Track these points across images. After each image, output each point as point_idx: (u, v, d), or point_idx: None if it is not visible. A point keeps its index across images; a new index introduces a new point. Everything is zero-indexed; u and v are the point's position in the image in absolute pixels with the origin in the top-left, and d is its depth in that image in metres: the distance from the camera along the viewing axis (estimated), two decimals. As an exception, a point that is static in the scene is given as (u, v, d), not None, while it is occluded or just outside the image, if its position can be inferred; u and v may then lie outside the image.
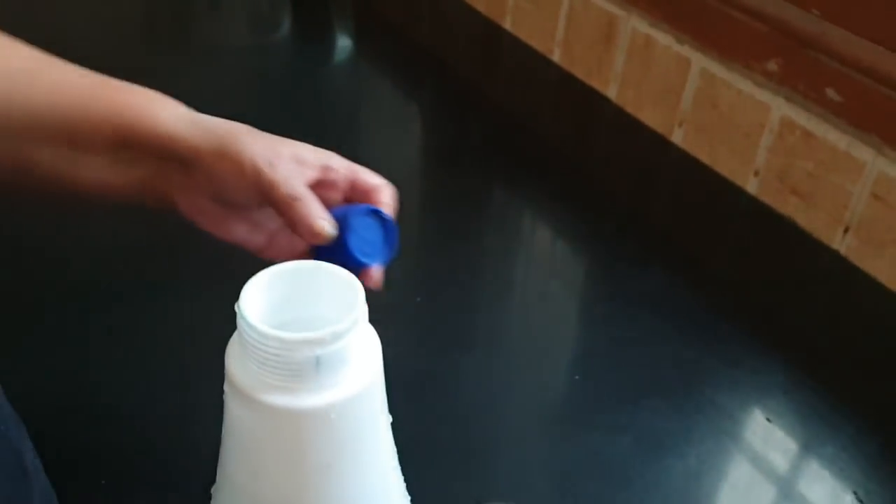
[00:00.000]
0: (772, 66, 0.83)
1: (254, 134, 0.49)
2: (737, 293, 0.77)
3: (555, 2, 1.08)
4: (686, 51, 0.91)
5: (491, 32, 1.21)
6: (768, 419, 0.64)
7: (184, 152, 0.48)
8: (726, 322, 0.73)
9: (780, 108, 0.83)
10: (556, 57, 1.11)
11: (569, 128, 1.04)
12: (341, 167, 0.52)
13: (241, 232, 0.52)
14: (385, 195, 0.53)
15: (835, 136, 0.78)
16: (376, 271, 0.51)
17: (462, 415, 0.62)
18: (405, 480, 0.50)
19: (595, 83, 1.05)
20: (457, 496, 0.56)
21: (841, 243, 0.80)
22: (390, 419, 0.43)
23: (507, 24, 1.19)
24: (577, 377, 0.66)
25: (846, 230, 0.79)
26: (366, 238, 0.50)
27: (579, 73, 1.07)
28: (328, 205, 0.50)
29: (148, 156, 0.50)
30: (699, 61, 0.90)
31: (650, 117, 0.98)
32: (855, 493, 0.58)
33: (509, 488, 0.57)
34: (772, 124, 0.84)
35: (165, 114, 0.49)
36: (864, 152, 0.76)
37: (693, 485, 0.58)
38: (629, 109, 1.01)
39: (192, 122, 0.49)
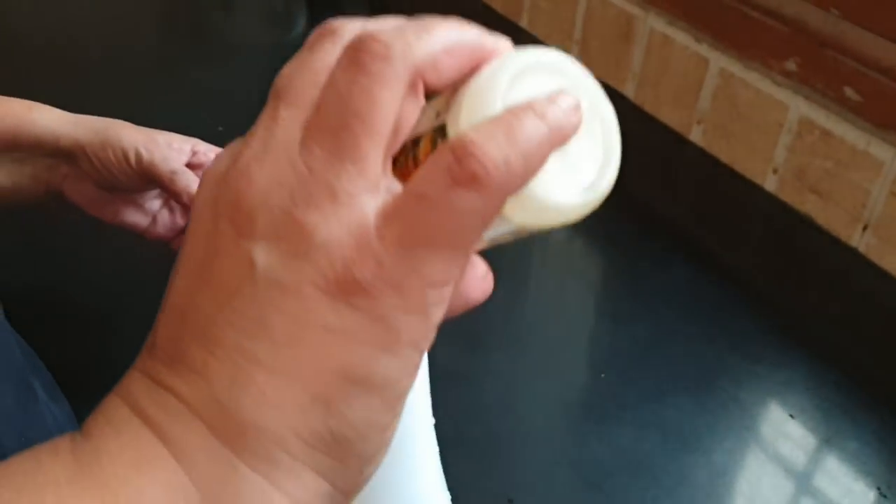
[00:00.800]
0: (790, 65, 0.84)
1: (130, 126, 0.58)
2: (757, 290, 0.78)
3: (572, 0, 1.09)
4: (704, 50, 0.92)
5: (507, 31, 1.21)
6: (791, 415, 0.65)
7: (68, 146, 0.57)
8: (747, 319, 0.74)
9: (798, 107, 0.84)
10: (573, 55, 1.11)
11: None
12: (207, 150, 0.61)
13: (126, 214, 0.61)
14: None
15: (854, 135, 0.79)
16: None
17: (491, 414, 0.64)
18: (441, 478, 0.51)
19: (613, 82, 1.06)
20: (489, 493, 0.57)
21: (860, 241, 0.81)
22: (433, 421, 0.45)
23: (524, 23, 1.19)
24: (602, 375, 0.67)
25: (865, 228, 0.80)
26: None
27: (597, 71, 1.07)
28: None
29: (35, 155, 0.58)
30: (717, 60, 0.91)
31: (668, 116, 0.99)
32: (878, 488, 0.59)
33: (540, 485, 0.58)
34: (790, 123, 0.85)
35: (45, 116, 0.57)
36: (883, 151, 0.77)
37: (719, 481, 0.59)
38: (647, 108, 1.02)
39: (71, 121, 0.58)
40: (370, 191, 0.22)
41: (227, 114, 0.97)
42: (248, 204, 0.22)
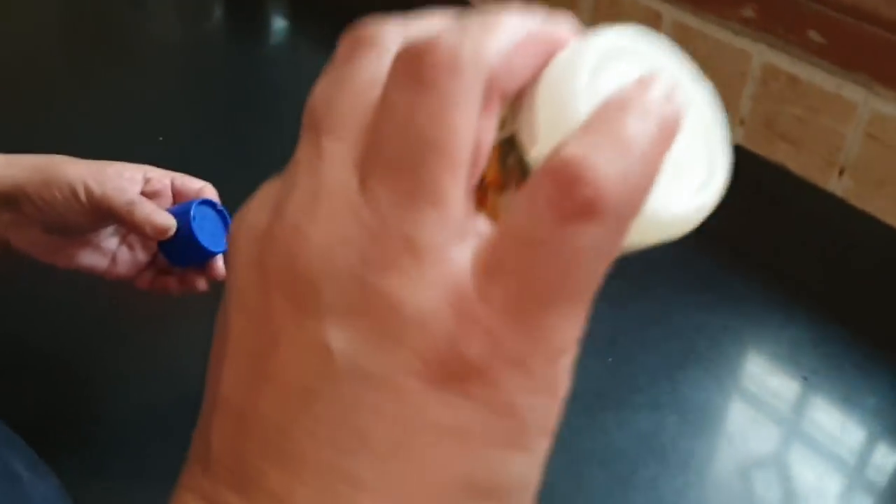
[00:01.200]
0: (748, 12, 0.82)
1: (73, 160, 0.53)
2: (743, 249, 0.76)
3: (506, -37, 1.04)
4: (655, 4, 0.89)
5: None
6: (805, 377, 0.63)
7: (6, 190, 0.52)
8: (742, 281, 0.72)
9: (761, 55, 0.82)
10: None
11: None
12: (162, 176, 0.57)
13: (82, 257, 0.56)
14: (209, 193, 0.58)
15: (821, 78, 0.77)
16: (220, 262, 0.56)
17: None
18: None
19: (559, 44, 1.02)
20: None
21: (837, 185, 0.80)
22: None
23: (457, -9, 1.14)
24: (609, 360, 0.64)
25: (841, 172, 0.79)
26: (207, 228, 0.55)
27: (540, 35, 1.04)
28: None
29: None
30: (670, 13, 0.88)
31: (622, 75, 0.96)
32: (907, 443, 0.58)
33: (564, 480, 0.55)
34: (754, 72, 0.83)
35: None
36: (854, 93, 0.75)
37: (744, 455, 0.57)
38: (599, 68, 0.98)
39: (4, 163, 0.53)
40: (459, 239, 0.17)
41: (159, 120, 0.90)
42: (306, 270, 0.18)
